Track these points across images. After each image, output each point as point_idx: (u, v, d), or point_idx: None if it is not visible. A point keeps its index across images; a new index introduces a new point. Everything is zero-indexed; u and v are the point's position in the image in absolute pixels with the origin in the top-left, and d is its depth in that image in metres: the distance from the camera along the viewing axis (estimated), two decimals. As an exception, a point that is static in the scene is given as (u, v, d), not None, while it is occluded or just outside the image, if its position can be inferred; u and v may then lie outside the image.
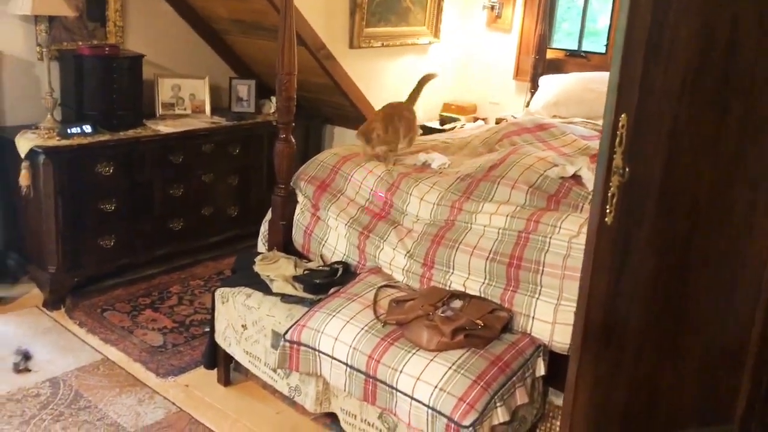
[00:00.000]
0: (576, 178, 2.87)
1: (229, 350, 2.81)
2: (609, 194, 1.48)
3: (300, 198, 3.10)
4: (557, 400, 2.42)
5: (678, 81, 1.56)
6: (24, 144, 3.29)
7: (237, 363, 2.87)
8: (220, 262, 3.99)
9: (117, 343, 3.16)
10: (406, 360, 2.22)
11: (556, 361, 2.35)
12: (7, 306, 3.43)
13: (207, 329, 3.04)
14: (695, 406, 1.85)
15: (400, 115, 3.17)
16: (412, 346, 2.27)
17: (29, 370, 2.92)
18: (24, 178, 3.30)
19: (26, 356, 2.97)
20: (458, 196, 2.75)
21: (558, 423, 2.45)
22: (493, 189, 2.75)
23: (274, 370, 2.59)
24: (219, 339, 2.84)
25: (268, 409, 2.77)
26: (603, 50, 4.60)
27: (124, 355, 3.08)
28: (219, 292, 2.82)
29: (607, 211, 1.48)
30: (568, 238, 2.38)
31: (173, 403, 2.78)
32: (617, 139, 1.45)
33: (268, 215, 3.18)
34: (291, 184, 3.10)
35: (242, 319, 2.71)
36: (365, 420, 2.36)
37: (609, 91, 1.47)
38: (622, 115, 1.44)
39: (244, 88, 4.28)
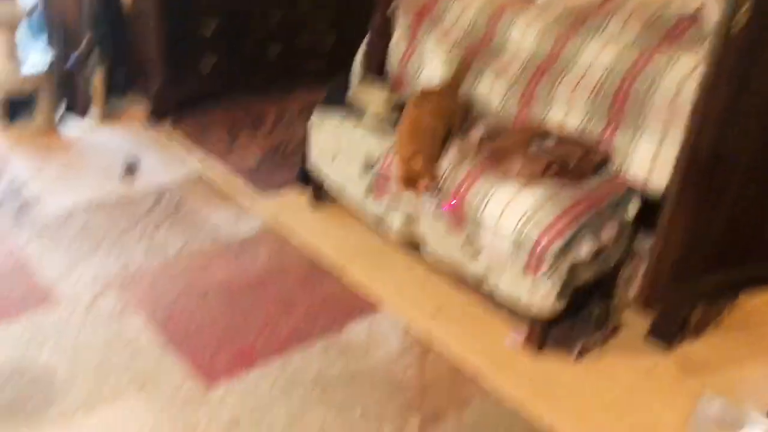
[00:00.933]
0: (696, 16, 2.63)
1: (320, 175, 2.88)
2: (741, -3, 1.32)
3: (398, 27, 3.01)
4: (644, 245, 2.38)
5: None
6: (128, -42, 3.30)
7: (327, 188, 2.95)
8: (315, 91, 3.98)
9: (215, 160, 3.30)
10: (495, 189, 2.21)
11: (648, 205, 2.28)
12: (115, 119, 3.60)
13: (300, 154, 3.11)
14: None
15: (435, 120, 2.33)
16: (502, 176, 2.25)
17: (136, 178, 3.11)
18: (129, -7, 3.35)
19: (133, 165, 3.15)
20: (566, 29, 2.58)
21: (642, 267, 2.42)
22: (604, 23, 2.56)
23: (363, 196, 2.65)
24: (311, 164, 2.91)
25: (354, 233, 2.87)
26: None
27: (222, 172, 3.22)
28: (314, 118, 2.85)
29: (735, 20, 1.32)
30: (680, 77, 2.22)
31: (266, 220, 2.91)
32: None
33: (365, 44, 3.12)
34: (389, 11, 3.00)
35: (335, 145, 2.74)
36: (449, 248, 2.41)
37: None
38: None
39: None
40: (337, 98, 2.89)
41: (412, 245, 2.65)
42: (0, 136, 3.31)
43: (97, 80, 3.49)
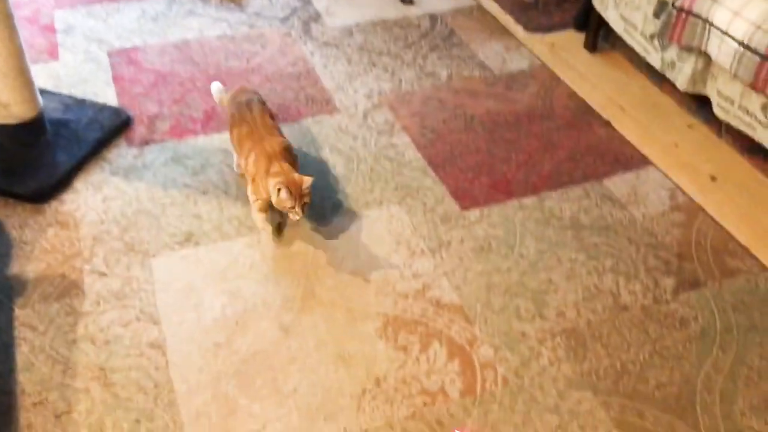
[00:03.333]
0: None
1: (604, 14, 2.67)
2: None
3: None
4: None
5: None
6: None
7: (607, 31, 2.74)
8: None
9: (491, -7, 3.20)
10: (822, 47, 1.88)
11: None
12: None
13: (582, -7, 2.90)
14: None
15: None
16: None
17: (413, 3, 3.13)
18: None
19: (412, -11, 3.18)
20: None
21: None
22: None
23: (651, 38, 2.42)
24: (596, 1, 2.70)
25: (631, 82, 2.67)
26: None
27: (497, 5, 3.12)
28: (608, -51, 2.60)
29: None
30: None
31: (537, 57, 2.81)
32: None
33: None
34: None
35: (627, -19, 2.50)
36: (744, 108, 2.15)
37: None
38: None
39: None
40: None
41: (697, 99, 2.41)
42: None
43: None
